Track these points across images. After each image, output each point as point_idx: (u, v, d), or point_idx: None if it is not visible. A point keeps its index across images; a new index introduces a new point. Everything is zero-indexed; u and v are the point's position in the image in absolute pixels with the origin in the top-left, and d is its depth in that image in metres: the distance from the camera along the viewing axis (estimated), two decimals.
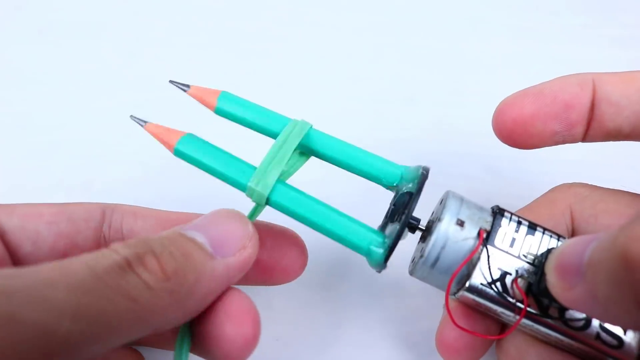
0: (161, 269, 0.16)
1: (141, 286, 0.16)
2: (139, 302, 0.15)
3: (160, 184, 0.31)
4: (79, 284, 0.14)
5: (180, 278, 0.17)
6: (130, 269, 0.16)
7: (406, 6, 0.41)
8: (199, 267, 0.17)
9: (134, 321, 0.15)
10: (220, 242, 0.18)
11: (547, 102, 0.21)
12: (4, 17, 0.39)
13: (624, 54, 0.38)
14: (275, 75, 0.37)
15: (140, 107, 0.35)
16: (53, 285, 0.14)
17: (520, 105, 0.22)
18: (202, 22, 0.40)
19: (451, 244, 0.20)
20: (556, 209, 0.23)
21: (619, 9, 0.41)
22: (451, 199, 0.21)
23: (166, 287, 0.16)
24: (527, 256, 0.20)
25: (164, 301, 0.16)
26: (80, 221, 0.21)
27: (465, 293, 0.20)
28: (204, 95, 0.23)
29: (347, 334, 0.26)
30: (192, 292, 0.17)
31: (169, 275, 0.16)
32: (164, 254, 0.17)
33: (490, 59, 0.38)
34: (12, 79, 0.36)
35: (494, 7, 0.41)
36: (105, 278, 0.15)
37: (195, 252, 0.18)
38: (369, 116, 0.35)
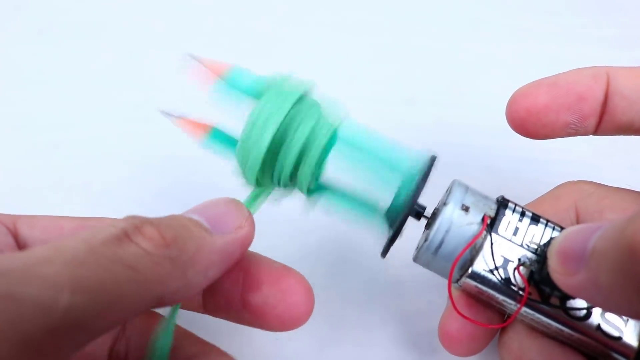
0: (160, 236, 0.16)
1: (140, 253, 0.15)
2: (138, 270, 0.15)
3: (161, 184, 0.31)
4: (75, 258, 0.14)
5: (180, 245, 0.16)
6: (128, 238, 0.15)
7: (406, 6, 0.41)
8: (198, 238, 0.17)
9: (135, 291, 0.15)
10: (217, 221, 0.18)
11: (561, 93, 0.22)
12: (3, 17, 0.39)
13: (624, 54, 0.38)
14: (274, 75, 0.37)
15: (140, 107, 0.35)
16: (49, 261, 0.14)
17: (534, 96, 0.22)
18: (201, 22, 0.40)
19: (455, 228, 0.20)
20: (561, 206, 0.23)
21: (619, 9, 0.41)
22: (457, 186, 0.21)
23: (166, 254, 0.16)
24: (530, 245, 0.20)
25: (164, 268, 0.16)
26: None
27: (468, 280, 0.20)
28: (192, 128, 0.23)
29: (347, 334, 0.26)
30: (194, 262, 0.17)
31: (169, 242, 0.16)
32: (162, 224, 0.16)
33: (490, 59, 0.38)
34: (12, 79, 0.36)
35: (494, 8, 0.41)
36: (102, 249, 0.15)
37: (193, 226, 0.17)
38: (369, 116, 0.35)
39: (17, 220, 0.21)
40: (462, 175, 0.32)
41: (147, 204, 0.30)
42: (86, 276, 0.14)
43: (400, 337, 0.26)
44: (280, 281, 0.21)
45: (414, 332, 0.26)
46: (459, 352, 0.22)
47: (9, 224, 0.20)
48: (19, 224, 0.21)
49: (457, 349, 0.22)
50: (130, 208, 0.24)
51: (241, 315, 0.21)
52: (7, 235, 0.20)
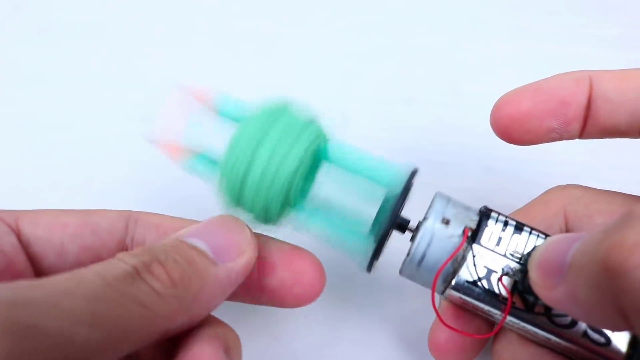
0: (168, 276, 0.17)
1: (150, 293, 0.16)
2: (149, 308, 0.16)
3: (161, 184, 0.31)
4: (94, 293, 0.15)
5: (186, 284, 0.17)
6: (139, 276, 0.16)
7: (406, 6, 0.41)
8: (203, 273, 0.18)
9: (145, 327, 0.16)
10: (220, 248, 0.19)
11: (543, 99, 0.22)
12: (3, 17, 0.39)
13: (624, 54, 0.38)
14: (274, 75, 0.37)
15: (140, 107, 0.35)
16: (70, 294, 0.14)
17: (517, 102, 0.22)
18: (202, 22, 0.40)
19: (436, 241, 0.20)
20: (550, 211, 0.23)
21: (619, 9, 0.41)
22: (438, 199, 0.21)
23: (173, 294, 0.17)
24: (514, 255, 0.20)
25: (172, 307, 0.17)
26: (104, 233, 0.22)
27: (452, 291, 0.20)
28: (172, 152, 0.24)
29: (347, 334, 0.26)
30: (198, 298, 0.18)
31: (176, 282, 0.17)
32: (169, 261, 0.17)
33: (490, 59, 0.38)
34: (12, 79, 0.36)
35: (494, 8, 0.41)
36: (117, 286, 0.15)
37: (198, 258, 0.18)
38: (369, 116, 0.35)
39: (19, 217, 0.21)
40: (461, 175, 0.32)
41: (147, 203, 0.30)
42: (103, 312, 0.15)
43: (400, 337, 0.26)
44: (294, 263, 0.22)
45: (414, 332, 0.26)
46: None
47: (11, 221, 0.21)
48: (21, 221, 0.21)
49: (447, 358, 0.22)
50: (130, 207, 0.24)
51: (258, 298, 0.22)
52: (9, 235, 0.20)
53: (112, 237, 0.22)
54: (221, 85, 0.36)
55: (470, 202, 0.28)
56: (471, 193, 0.29)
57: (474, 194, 0.31)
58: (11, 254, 0.20)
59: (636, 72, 0.21)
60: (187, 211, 0.23)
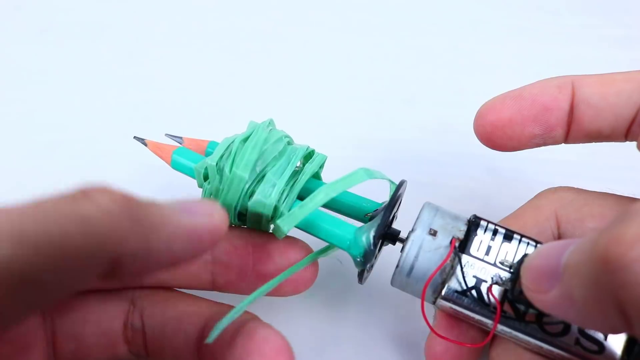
0: (123, 195, 0.15)
1: (94, 209, 0.14)
2: (91, 224, 0.14)
3: (160, 183, 0.31)
4: (20, 212, 0.13)
5: (143, 209, 0.15)
6: (84, 195, 0.14)
7: (406, 6, 0.41)
8: (164, 208, 0.16)
9: (89, 245, 0.14)
10: (187, 206, 0.17)
11: (525, 106, 0.22)
12: (4, 17, 0.39)
13: (624, 54, 0.38)
14: (274, 75, 0.37)
15: (140, 107, 0.35)
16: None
17: (499, 109, 0.22)
18: (202, 22, 0.40)
19: (424, 253, 0.20)
20: (541, 215, 0.23)
21: (619, 9, 0.41)
22: (425, 209, 0.21)
23: (126, 212, 0.14)
24: (504, 263, 0.20)
25: (122, 226, 0.14)
26: None
27: (442, 301, 0.20)
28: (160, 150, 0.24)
29: (347, 334, 0.26)
30: (156, 228, 0.15)
31: (131, 202, 0.15)
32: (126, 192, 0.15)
33: (490, 59, 0.38)
34: (13, 79, 0.36)
35: (494, 8, 0.41)
36: (51, 205, 0.14)
37: (160, 202, 0.16)
38: (369, 116, 0.35)
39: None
40: (462, 175, 0.32)
41: None
42: (30, 229, 0.13)
43: (400, 337, 0.26)
44: (288, 251, 0.22)
45: (413, 333, 0.26)
46: None
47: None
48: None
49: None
50: None
51: (254, 287, 0.22)
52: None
53: None
54: (221, 85, 0.36)
55: (470, 202, 0.28)
56: (471, 193, 0.29)
57: (474, 194, 0.31)
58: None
59: (618, 76, 0.21)
60: None
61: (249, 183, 0.21)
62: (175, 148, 0.23)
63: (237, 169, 0.21)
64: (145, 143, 0.24)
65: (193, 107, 0.35)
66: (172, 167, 0.23)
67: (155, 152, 0.24)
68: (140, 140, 0.24)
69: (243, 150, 0.21)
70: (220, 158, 0.21)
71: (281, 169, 0.22)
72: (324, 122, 0.34)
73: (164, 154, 0.23)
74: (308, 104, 0.35)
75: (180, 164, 0.23)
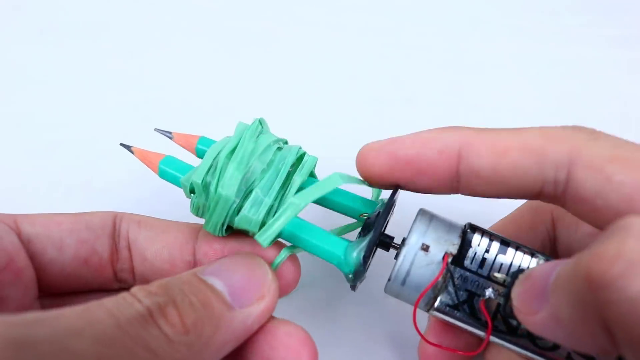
0: (181, 322, 0.16)
1: (161, 338, 0.16)
2: (158, 355, 0.15)
3: (160, 183, 0.31)
4: (103, 334, 0.15)
5: (199, 331, 0.17)
6: (152, 319, 0.16)
7: (406, 6, 0.41)
8: (217, 319, 0.17)
9: None
10: (238, 290, 0.19)
11: (398, 167, 0.20)
12: (4, 17, 0.39)
13: (624, 54, 0.38)
14: (275, 75, 0.37)
15: (139, 107, 0.35)
16: (79, 334, 0.14)
17: (371, 163, 0.21)
18: (202, 22, 0.40)
19: (415, 269, 0.20)
20: (538, 217, 0.23)
21: (619, 9, 0.41)
22: (419, 221, 0.21)
23: (185, 341, 0.16)
24: (497, 277, 0.20)
25: (181, 354, 0.16)
26: (97, 229, 0.22)
27: (435, 313, 0.20)
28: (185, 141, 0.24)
29: (347, 334, 0.26)
30: (209, 344, 0.17)
31: (189, 329, 0.16)
32: (184, 304, 0.17)
33: (490, 59, 0.38)
34: (12, 79, 0.36)
35: (494, 7, 0.41)
36: (127, 328, 0.15)
37: (214, 302, 0.18)
38: (369, 116, 0.35)
39: (17, 219, 0.21)
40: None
41: (147, 203, 0.30)
42: (110, 356, 0.14)
43: (400, 337, 0.26)
44: (265, 252, 0.22)
45: (413, 332, 0.26)
46: None
47: (11, 222, 0.21)
48: (19, 220, 0.21)
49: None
50: (129, 207, 0.24)
51: None
52: (10, 234, 0.20)
53: (104, 232, 0.22)
54: (221, 85, 0.36)
55: (470, 203, 0.28)
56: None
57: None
58: (12, 252, 0.20)
59: (513, 143, 0.19)
60: (185, 213, 0.23)
61: (236, 201, 0.21)
62: (162, 157, 0.23)
63: (222, 190, 0.20)
64: (132, 151, 0.23)
65: (193, 107, 0.35)
66: (159, 177, 0.23)
67: (142, 160, 0.23)
68: (127, 148, 0.23)
69: (228, 168, 0.21)
70: (207, 173, 0.21)
71: (269, 183, 0.21)
72: (323, 122, 0.34)
73: (152, 163, 0.23)
74: (308, 104, 0.35)
75: (168, 174, 0.23)
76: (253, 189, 0.21)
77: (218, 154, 0.21)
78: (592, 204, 0.17)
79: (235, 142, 0.21)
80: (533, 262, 0.20)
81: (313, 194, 0.21)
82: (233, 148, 0.21)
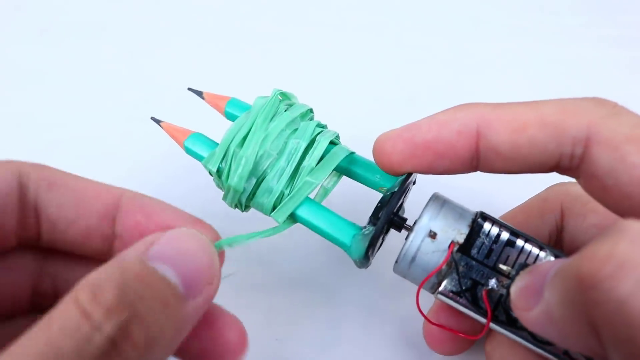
0: (145, 338, 0.15)
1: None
2: None
3: (160, 182, 0.31)
4: None
5: (161, 341, 0.15)
6: (117, 349, 0.14)
7: (406, 6, 0.41)
8: (175, 320, 0.16)
9: None
10: (190, 279, 0.17)
11: (417, 153, 0.20)
12: (4, 17, 0.39)
13: (624, 54, 0.38)
14: (275, 75, 0.37)
15: (139, 106, 0.35)
16: None
17: (389, 153, 0.20)
18: (202, 22, 0.40)
19: (422, 255, 0.20)
20: (547, 207, 0.23)
21: (619, 9, 0.41)
22: (430, 206, 0.20)
23: (148, 355, 0.15)
24: (503, 268, 0.20)
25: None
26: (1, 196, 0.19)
27: (439, 296, 0.20)
28: (216, 101, 0.25)
29: (347, 334, 0.26)
30: (167, 348, 0.16)
31: (152, 342, 0.15)
32: (148, 316, 0.15)
33: (491, 59, 0.38)
34: (13, 79, 0.36)
35: (495, 7, 0.41)
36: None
37: (171, 300, 0.16)
38: (369, 116, 0.35)
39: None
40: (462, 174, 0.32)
41: None
42: None
43: (400, 337, 0.26)
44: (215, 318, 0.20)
45: (413, 332, 0.26)
46: (443, 351, 0.23)
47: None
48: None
49: (440, 348, 0.23)
50: None
51: None
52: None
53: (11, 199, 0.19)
54: (221, 86, 0.36)
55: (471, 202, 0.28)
56: (471, 193, 0.29)
57: (474, 194, 0.31)
58: None
59: (531, 118, 0.18)
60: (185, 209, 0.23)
61: (247, 188, 0.22)
62: (189, 135, 0.23)
63: (232, 182, 0.21)
64: (162, 126, 0.24)
65: (193, 107, 0.35)
66: (185, 153, 0.24)
67: (170, 135, 0.24)
68: (157, 122, 0.24)
69: (238, 159, 0.21)
70: (222, 160, 0.22)
71: (280, 170, 0.22)
72: (324, 122, 0.34)
73: (178, 139, 0.23)
74: (308, 103, 0.35)
75: (193, 151, 0.23)
76: (265, 177, 0.22)
77: (231, 141, 0.22)
78: (603, 182, 0.17)
79: (249, 127, 0.22)
80: (542, 255, 0.20)
81: (324, 171, 0.22)
82: (245, 134, 0.22)
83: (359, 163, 0.23)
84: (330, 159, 0.22)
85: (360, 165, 0.23)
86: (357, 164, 0.23)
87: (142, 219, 0.20)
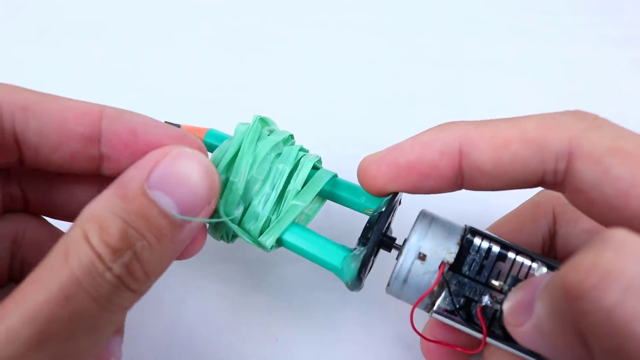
0: (144, 272, 0.17)
1: (130, 296, 0.17)
2: (125, 307, 0.17)
3: None
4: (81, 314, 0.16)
5: (157, 270, 0.17)
6: (124, 286, 0.16)
7: (406, 6, 0.41)
8: (170, 250, 0.18)
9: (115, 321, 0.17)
10: (186, 205, 0.17)
11: (402, 175, 0.20)
12: (4, 17, 0.39)
13: (624, 54, 0.38)
14: (275, 75, 0.37)
15: (139, 106, 0.35)
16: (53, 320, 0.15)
17: (372, 176, 0.20)
18: (202, 23, 0.40)
19: (413, 277, 0.20)
20: (540, 212, 0.23)
21: (619, 9, 0.41)
22: (418, 225, 0.20)
23: (146, 287, 0.17)
24: (495, 284, 0.20)
25: (139, 297, 0.17)
26: None
27: (434, 315, 0.20)
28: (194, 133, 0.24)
29: (347, 334, 0.26)
30: (163, 269, 0.18)
31: (149, 274, 0.17)
32: (144, 252, 0.17)
33: (491, 59, 0.38)
34: (13, 79, 0.36)
35: (494, 8, 0.41)
36: (104, 304, 0.16)
37: (167, 231, 0.17)
38: (369, 116, 0.35)
39: None
40: None
41: None
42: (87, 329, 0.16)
43: (400, 337, 0.26)
44: None
45: (413, 333, 0.26)
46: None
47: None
48: None
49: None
50: None
51: None
52: None
53: None
54: (221, 85, 0.36)
55: (470, 202, 0.28)
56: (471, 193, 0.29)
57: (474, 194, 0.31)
58: None
59: (513, 134, 0.18)
60: None
61: (235, 214, 0.21)
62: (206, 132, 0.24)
63: (222, 209, 0.21)
64: (179, 126, 0.24)
65: (193, 107, 0.35)
66: None
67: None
68: (175, 125, 0.24)
69: (227, 188, 0.21)
70: None
71: (266, 196, 0.22)
72: (324, 122, 0.34)
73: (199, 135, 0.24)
74: (308, 103, 0.35)
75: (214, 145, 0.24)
76: (251, 202, 0.21)
77: (217, 167, 0.21)
78: (588, 196, 0.17)
79: (234, 151, 0.22)
80: (534, 266, 0.20)
81: (310, 193, 0.22)
82: (230, 160, 0.21)
83: (342, 186, 0.23)
84: (315, 181, 0.22)
85: (344, 188, 0.23)
86: (341, 187, 0.23)
87: (130, 138, 0.20)
